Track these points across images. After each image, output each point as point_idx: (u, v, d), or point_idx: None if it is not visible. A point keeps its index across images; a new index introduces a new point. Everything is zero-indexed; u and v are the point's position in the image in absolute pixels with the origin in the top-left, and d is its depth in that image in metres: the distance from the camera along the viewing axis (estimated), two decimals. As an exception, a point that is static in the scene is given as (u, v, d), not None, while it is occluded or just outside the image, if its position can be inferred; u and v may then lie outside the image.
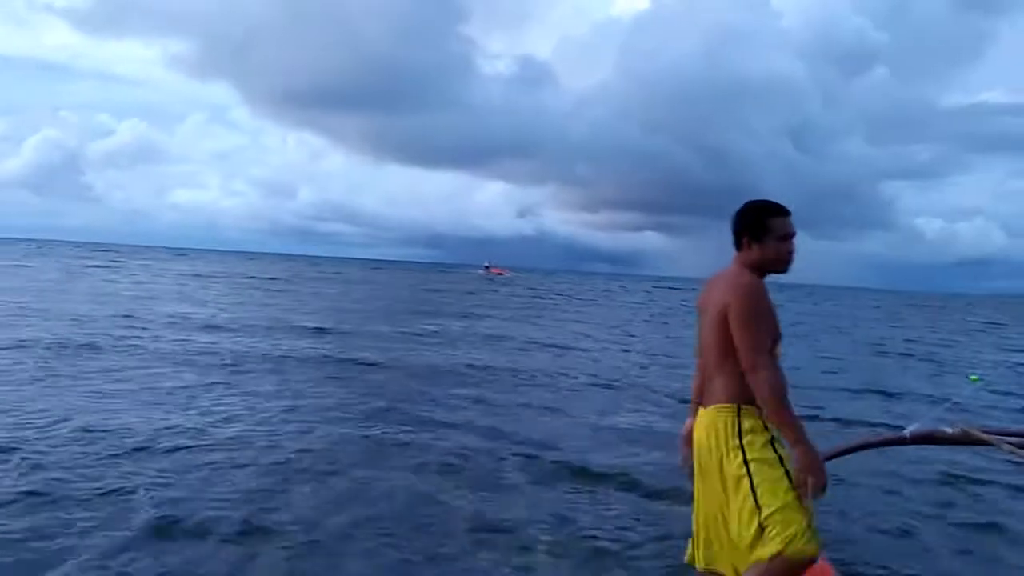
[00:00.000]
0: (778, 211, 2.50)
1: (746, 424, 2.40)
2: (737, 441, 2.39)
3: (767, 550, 2.24)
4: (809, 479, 2.27)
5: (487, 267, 71.15)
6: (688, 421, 2.75)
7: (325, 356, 10.11)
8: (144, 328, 11.83)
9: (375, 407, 6.81)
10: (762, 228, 2.48)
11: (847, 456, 3.35)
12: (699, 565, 2.59)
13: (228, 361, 9.04)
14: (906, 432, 3.08)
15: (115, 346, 9.56)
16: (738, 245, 2.55)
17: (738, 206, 2.58)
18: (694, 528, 2.61)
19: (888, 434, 3.56)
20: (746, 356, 2.35)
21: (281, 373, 8.45)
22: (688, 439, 2.70)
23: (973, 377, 11.96)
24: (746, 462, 2.35)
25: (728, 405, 2.44)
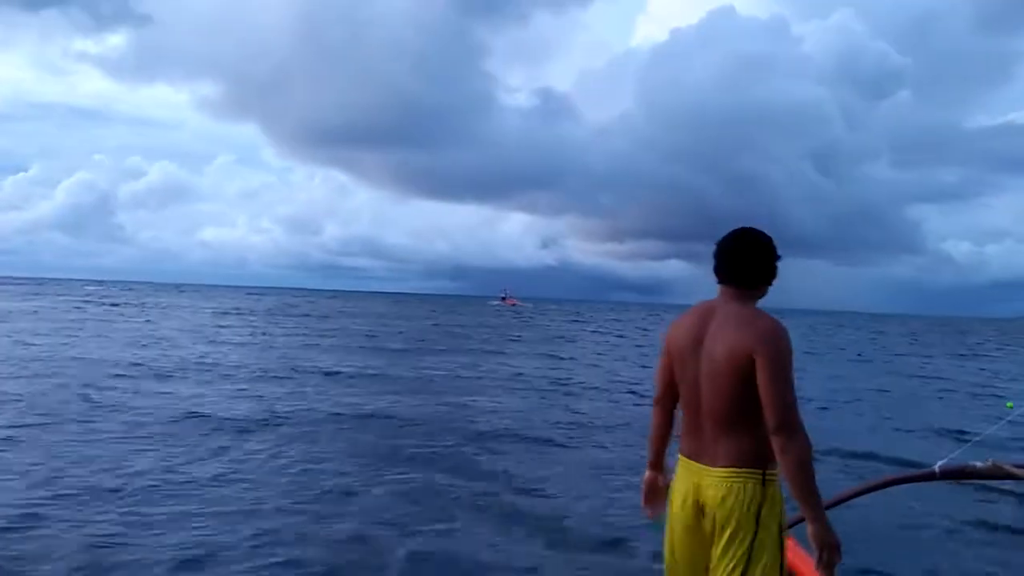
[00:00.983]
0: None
1: (768, 495, 2.21)
2: (756, 514, 2.20)
3: None
4: (825, 556, 2.13)
5: (503, 298, 71.69)
6: (649, 473, 2.54)
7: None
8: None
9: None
10: (775, 268, 2.34)
11: (876, 492, 3.25)
12: None
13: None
14: (936, 468, 2.98)
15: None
16: (746, 281, 2.30)
17: (741, 228, 2.37)
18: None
19: (916, 471, 3.47)
20: (779, 414, 2.09)
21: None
22: (654, 490, 2.53)
23: (1009, 404, 11.67)
24: (753, 542, 2.19)
25: (753, 471, 2.21)
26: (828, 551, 2.12)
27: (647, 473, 2.54)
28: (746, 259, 2.29)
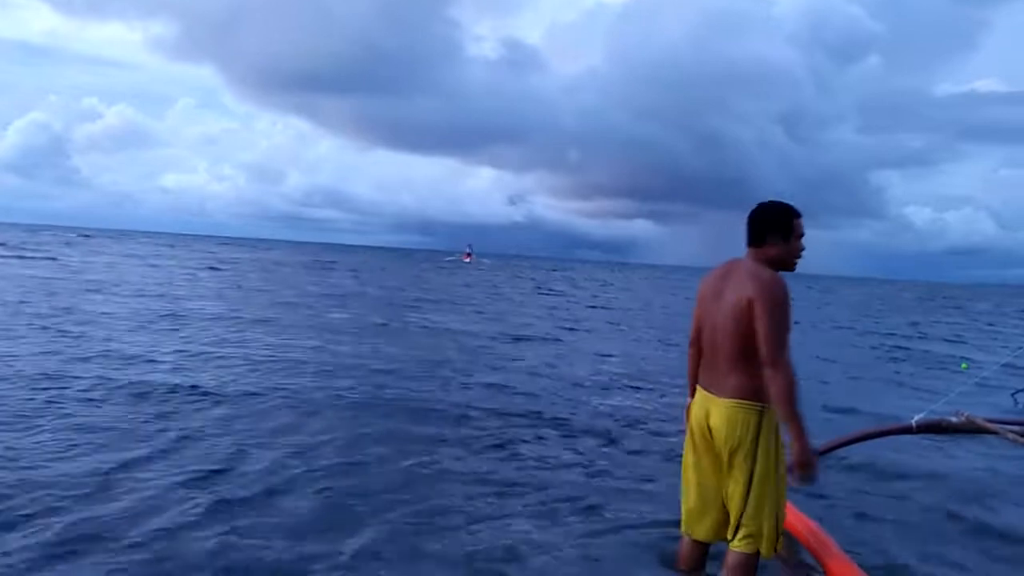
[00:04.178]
0: (799, 213, 2.75)
1: (765, 425, 2.64)
2: (754, 443, 2.62)
3: (739, 545, 2.66)
4: (802, 472, 2.60)
5: (468, 254, 70.86)
6: (689, 401, 2.95)
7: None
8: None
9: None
10: (789, 227, 2.71)
11: (857, 444, 3.41)
12: (696, 536, 2.91)
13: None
14: (912, 422, 3.16)
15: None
16: (759, 240, 2.73)
17: (767, 200, 2.78)
18: (686, 501, 2.90)
19: (894, 424, 3.60)
20: (770, 350, 2.52)
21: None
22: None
23: (964, 365, 12.06)
24: (753, 467, 2.63)
25: (752, 403, 2.63)
26: (807, 467, 2.60)
27: (688, 401, 2.98)
28: (756, 221, 2.74)
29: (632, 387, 7.90)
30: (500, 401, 6.65)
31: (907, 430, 3.34)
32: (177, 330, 9.95)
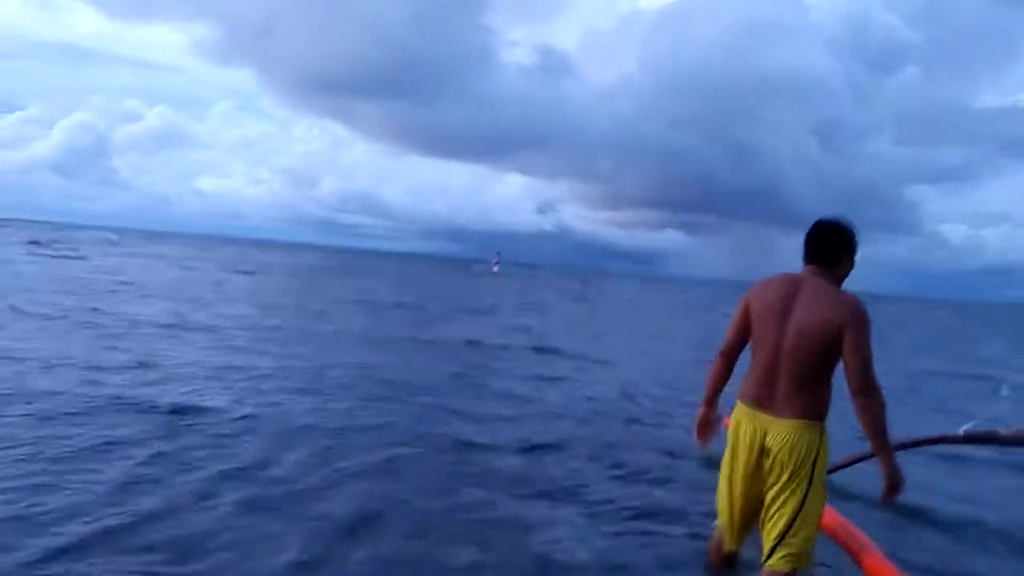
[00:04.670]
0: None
1: (823, 445, 2.68)
2: (813, 463, 2.65)
3: (780, 564, 2.64)
4: (891, 496, 2.65)
5: (496, 263, 71.76)
6: (706, 411, 3.00)
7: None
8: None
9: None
10: (856, 247, 2.78)
11: (900, 452, 3.32)
12: (729, 546, 2.97)
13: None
14: (960, 431, 3.12)
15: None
16: (834, 259, 2.74)
17: (828, 217, 2.78)
18: (727, 515, 2.89)
19: (944, 434, 3.59)
20: (863, 378, 2.54)
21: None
22: (709, 425, 3.01)
23: (1005, 389, 11.49)
24: (808, 487, 2.64)
25: (815, 423, 2.66)
26: (895, 488, 2.63)
27: (703, 410, 3.01)
28: (832, 239, 2.73)
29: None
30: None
31: (955, 439, 3.27)
32: (179, 337, 9.57)
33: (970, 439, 3.40)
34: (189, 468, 4.14)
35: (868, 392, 2.54)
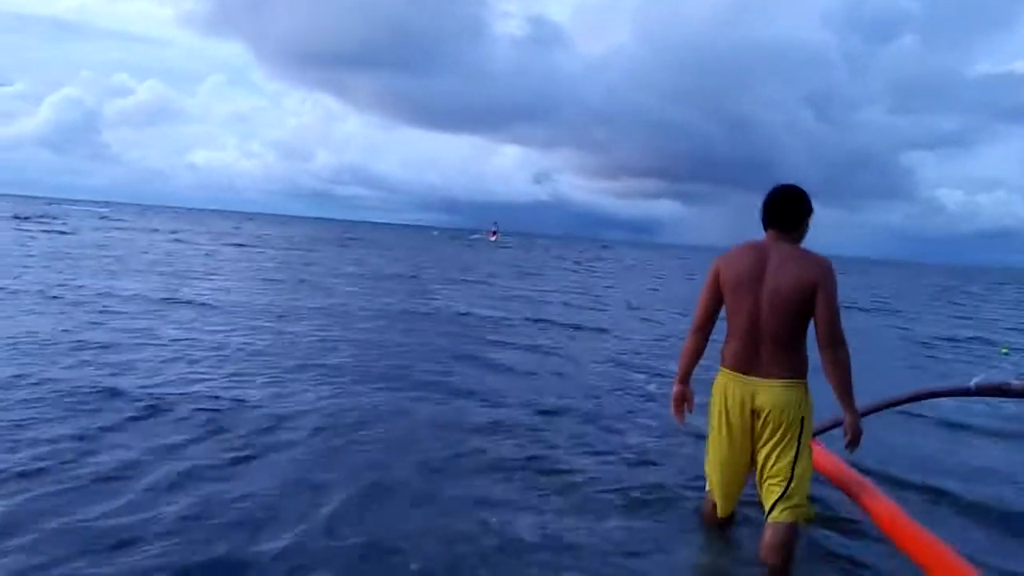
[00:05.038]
0: None
1: (807, 400, 2.82)
2: (801, 416, 2.79)
3: (785, 516, 2.78)
4: (854, 440, 2.88)
5: (494, 232, 70.38)
6: (681, 387, 3.07)
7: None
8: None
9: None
10: (812, 210, 2.90)
11: (917, 403, 3.47)
12: (722, 515, 3.12)
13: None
14: (972, 384, 3.12)
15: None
16: (795, 224, 2.87)
17: (784, 183, 2.93)
18: (718, 482, 3.02)
19: (953, 385, 3.57)
20: (834, 331, 2.70)
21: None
22: (685, 399, 3.09)
23: (1004, 349, 11.68)
24: (800, 435, 2.79)
25: (800, 381, 2.80)
26: (858, 436, 2.88)
27: (678, 387, 3.08)
28: (793, 209, 2.86)
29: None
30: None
31: (965, 392, 3.21)
32: (168, 313, 9.36)
33: (981, 391, 3.34)
34: (168, 454, 3.96)
35: (838, 342, 2.74)
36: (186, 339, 7.35)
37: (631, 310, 14.50)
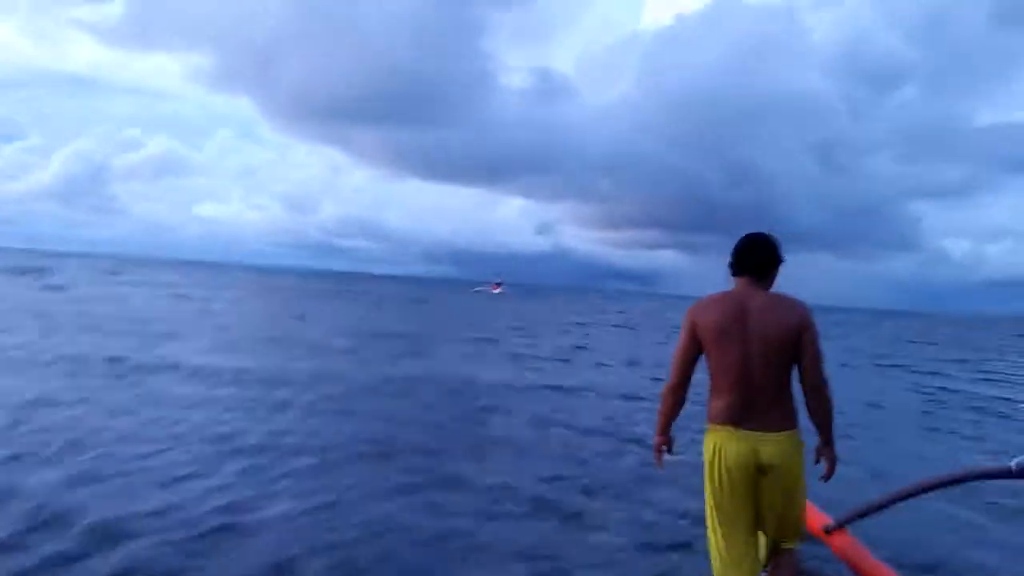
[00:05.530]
0: None
1: (801, 446, 2.81)
2: (802, 464, 2.79)
3: (791, 545, 2.88)
4: (832, 472, 2.91)
5: (498, 283, 68.74)
6: (662, 439, 3.00)
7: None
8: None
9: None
10: (782, 258, 2.90)
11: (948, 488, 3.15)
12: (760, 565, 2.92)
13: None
14: (1012, 464, 2.90)
15: None
16: (765, 271, 2.85)
17: (756, 231, 2.91)
18: (737, 549, 2.78)
19: (991, 467, 3.22)
20: (820, 373, 2.73)
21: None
22: (664, 445, 3.02)
23: None
24: (801, 485, 2.82)
25: (796, 430, 2.78)
26: (833, 466, 2.91)
27: (659, 439, 3.02)
28: (768, 256, 2.85)
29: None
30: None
31: (1006, 474, 2.93)
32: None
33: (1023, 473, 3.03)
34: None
35: (824, 384, 2.75)
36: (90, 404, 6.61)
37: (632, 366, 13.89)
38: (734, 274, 2.87)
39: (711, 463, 2.79)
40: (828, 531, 3.40)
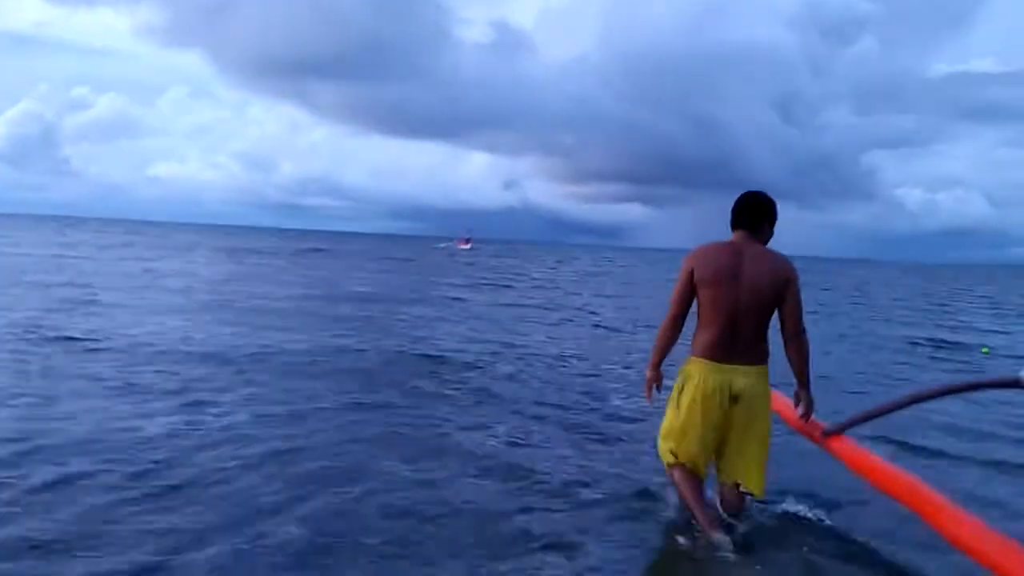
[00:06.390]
0: None
1: (767, 381, 3.23)
2: (767, 399, 3.21)
3: (755, 487, 3.21)
4: (808, 412, 3.32)
5: (467, 239, 65.31)
6: (655, 372, 3.39)
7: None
8: None
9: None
10: (776, 215, 3.24)
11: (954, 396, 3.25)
12: (701, 473, 3.28)
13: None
14: (1021, 375, 2.93)
15: None
16: (759, 229, 3.19)
17: (753, 190, 3.28)
18: (700, 452, 3.20)
19: (998, 377, 3.27)
20: (800, 321, 3.10)
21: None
22: (656, 383, 3.40)
23: (984, 350, 11.59)
24: (767, 421, 3.21)
25: (767, 366, 3.20)
26: (810, 407, 3.31)
27: (652, 372, 3.39)
28: (765, 213, 3.20)
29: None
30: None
31: (1013, 383, 2.89)
32: None
33: None
34: None
35: (803, 331, 3.12)
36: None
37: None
38: (733, 228, 3.21)
39: (685, 389, 3.20)
40: (826, 434, 3.38)
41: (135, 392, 5.73)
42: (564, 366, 8.19)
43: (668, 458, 3.31)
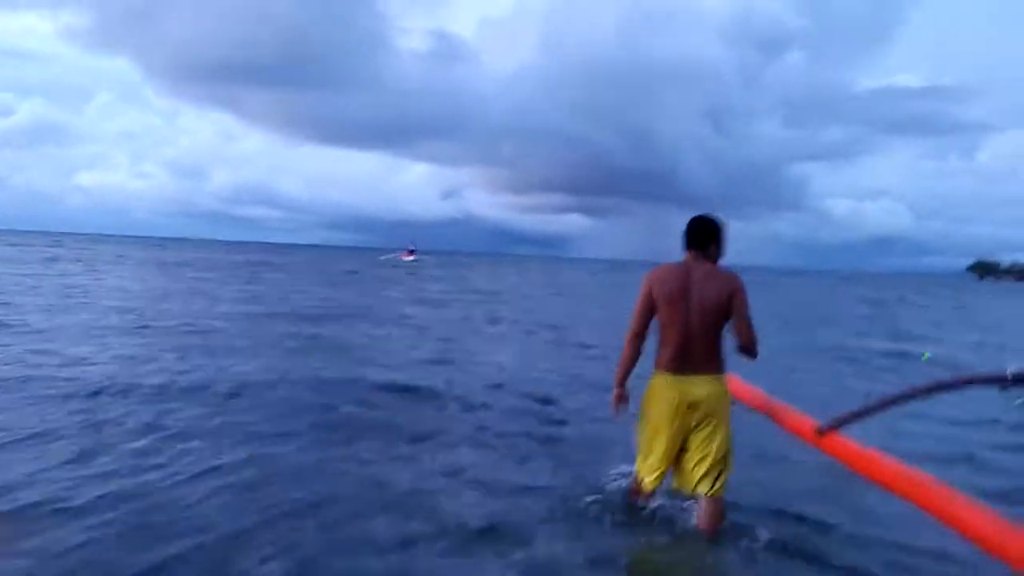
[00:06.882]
0: None
1: (727, 391, 3.46)
2: (726, 405, 3.42)
3: (715, 491, 3.40)
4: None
5: (411, 251, 63.94)
6: (621, 390, 3.59)
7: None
8: None
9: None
10: (724, 236, 3.48)
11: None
12: (650, 488, 3.56)
13: None
14: (1008, 372, 2.90)
15: None
16: (707, 249, 3.44)
17: (701, 213, 3.51)
18: (654, 462, 3.47)
19: (986, 373, 3.25)
20: (750, 332, 3.32)
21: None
22: (622, 401, 3.60)
23: (925, 356, 11.92)
24: (727, 425, 3.41)
25: (723, 376, 3.43)
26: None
27: (618, 389, 3.60)
28: (711, 234, 3.45)
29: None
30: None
31: (1001, 380, 2.86)
32: None
33: (1018, 380, 2.97)
34: None
35: (755, 342, 3.35)
36: None
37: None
38: (685, 248, 3.45)
39: (651, 402, 3.47)
40: (820, 432, 3.31)
41: (33, 443, 4.63)
42: (512, 377, 8.13)
43: (641, 475, 3.58)
